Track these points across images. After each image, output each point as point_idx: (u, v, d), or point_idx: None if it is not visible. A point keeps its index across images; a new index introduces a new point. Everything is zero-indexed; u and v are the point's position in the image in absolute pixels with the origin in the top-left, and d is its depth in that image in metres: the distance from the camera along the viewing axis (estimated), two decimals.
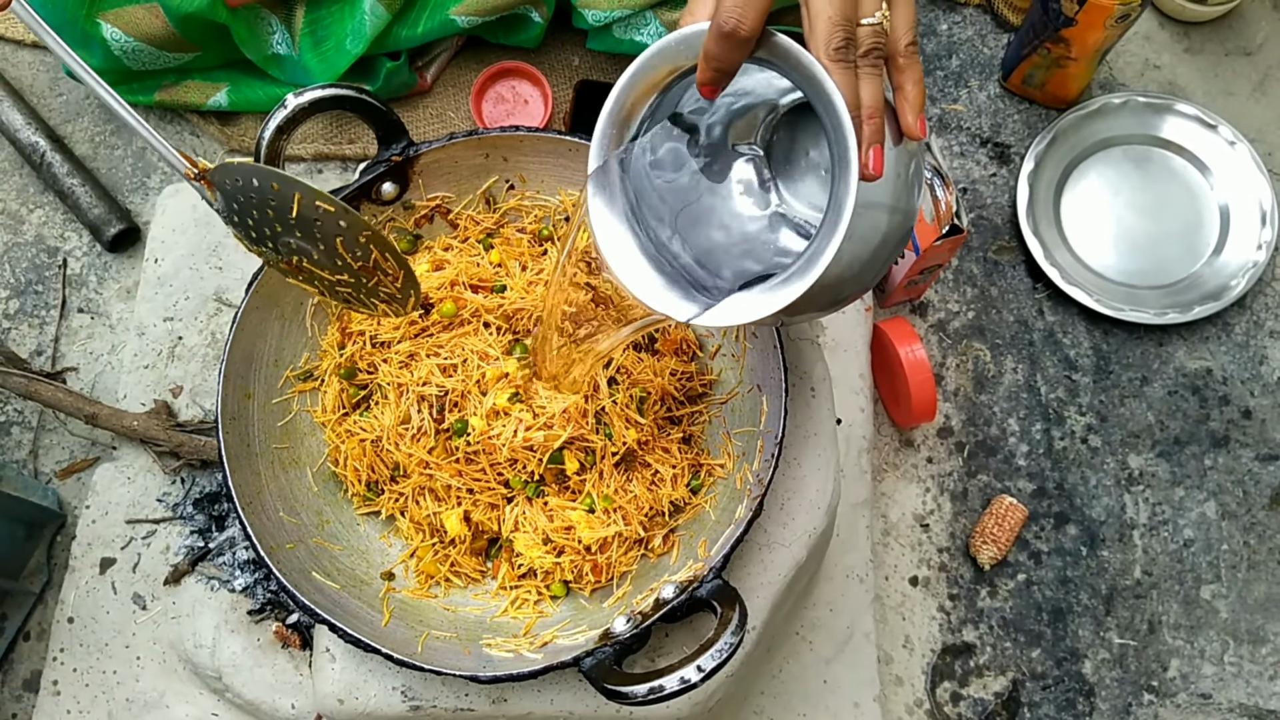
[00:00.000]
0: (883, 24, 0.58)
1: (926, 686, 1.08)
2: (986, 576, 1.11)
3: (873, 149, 0.57)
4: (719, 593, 0.72)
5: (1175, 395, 1.17)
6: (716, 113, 0.73)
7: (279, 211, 0.68)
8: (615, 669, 0.71)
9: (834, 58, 0.56)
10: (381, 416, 0.82)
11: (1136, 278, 1.19)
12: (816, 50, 0.57)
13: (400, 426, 0.81)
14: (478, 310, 0.84)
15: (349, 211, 0.68)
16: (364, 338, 0.84)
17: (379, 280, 0.72)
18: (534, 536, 0.80)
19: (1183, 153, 1.22)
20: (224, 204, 0.70)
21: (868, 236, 0.61)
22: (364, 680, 0.80)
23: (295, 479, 0.83)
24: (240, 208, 0.69)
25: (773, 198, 0.74)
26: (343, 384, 0.85)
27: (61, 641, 1.01)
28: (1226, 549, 1.13)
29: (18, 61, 1.26)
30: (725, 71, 0.59)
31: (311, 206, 0.67)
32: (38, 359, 1.15)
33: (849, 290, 0.64)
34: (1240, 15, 1.29)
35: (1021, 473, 1.15)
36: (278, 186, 0.67)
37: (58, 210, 1.20)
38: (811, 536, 0.83)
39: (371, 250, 0.70)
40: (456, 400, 0.81)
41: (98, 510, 1.04)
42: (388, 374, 0.82)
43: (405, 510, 0.83)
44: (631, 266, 0.66)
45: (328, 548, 0.82)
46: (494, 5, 1.11)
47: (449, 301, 0.83)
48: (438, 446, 0.81)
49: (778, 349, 0.78)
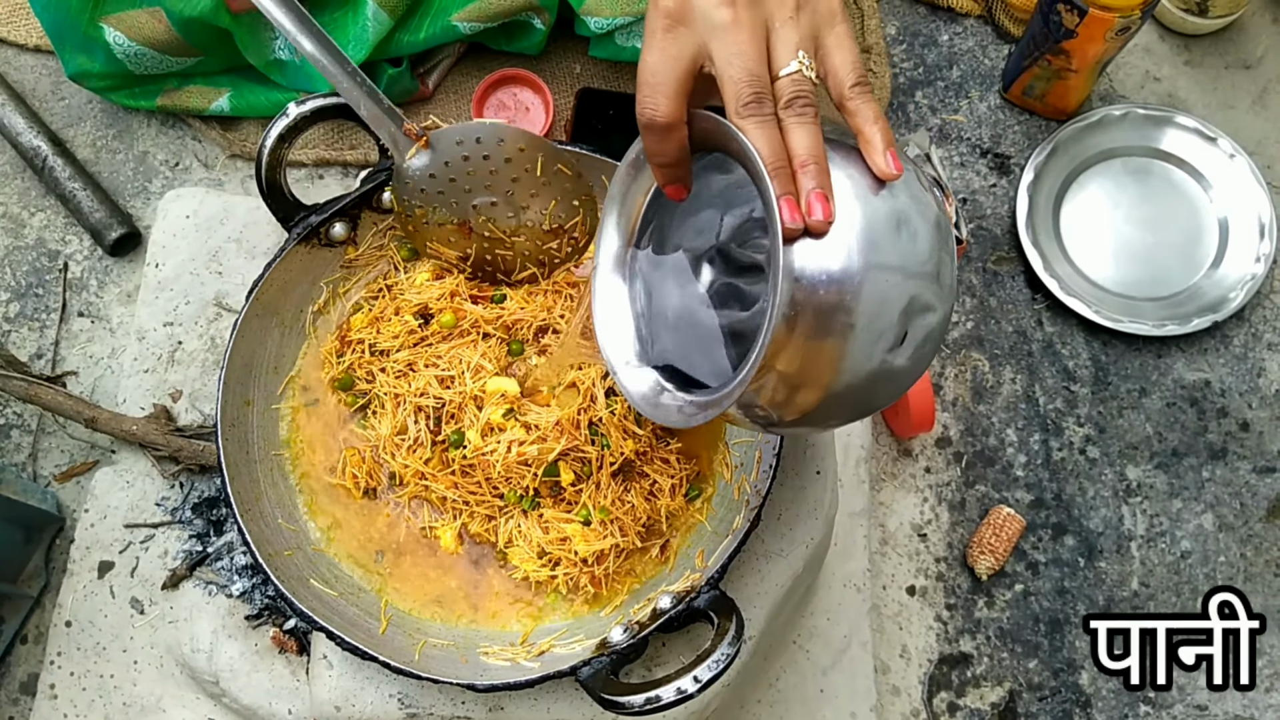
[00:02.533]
0: (802, 70, 0.55)
1: (923, 696, 1.08)
2: (984, 587, 1.11)
3: (812, 195, 0.52)
4: (716, 603, 0.73)
5: (1173, 407, 1.17)
6: (720, 237, 0.69)
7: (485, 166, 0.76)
8: (612, 678, 0.71)
9: (743, 114, 0.54)
10: (379, 426, 0.82)
11: (1135, 289, 1.19)
12: (729, 113, 0.55)
13: (397, 437, 0.81)
14: (477, 321, 0.84)
15: (576, 169, 0.76)
16: (363, 345, 0.84)
17: (555, 243, 0.79)
18: (529, 549, 0.80)
19: (1182, 165, 1.22)
20: (433, 163, 0.76)
21: (886, 299, 0.54)
22: (361, 687, 0.80)
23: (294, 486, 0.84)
24: (450, 167, 0.76)
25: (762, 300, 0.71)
26: (339, 395, 0.85)
27: (59, 645, 1.01)
28: (1223, 560, 1.13)
29: (20, 65, 1.26)
30: (669, 165, 0.57)
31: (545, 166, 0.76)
32: (38, 362, 1.15)
33: (881, 389, 0.57)
34: (1240, 29, 1.29)
35: (1019, 483, 1.15)
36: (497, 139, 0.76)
37: (59, 214, 1.21)
38: (809, 547, 0.84)
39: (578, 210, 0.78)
40: (454, 412, 0.81)
41: (96, 514, 1.04)
42: (385, 384, 0.83)
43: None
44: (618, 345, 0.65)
45: (326, 554, 0.82)
46: (496, 12, 1.11)
47: (449, 312, 0.84)
48: (434, 458, 0.81)
49: None
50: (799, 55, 0.55)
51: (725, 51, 0.55)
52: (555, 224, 0.78)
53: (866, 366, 0.55)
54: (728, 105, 0.55)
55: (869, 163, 0.55)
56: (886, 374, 0.56)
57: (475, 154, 0.76)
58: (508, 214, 0.78)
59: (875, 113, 0.56)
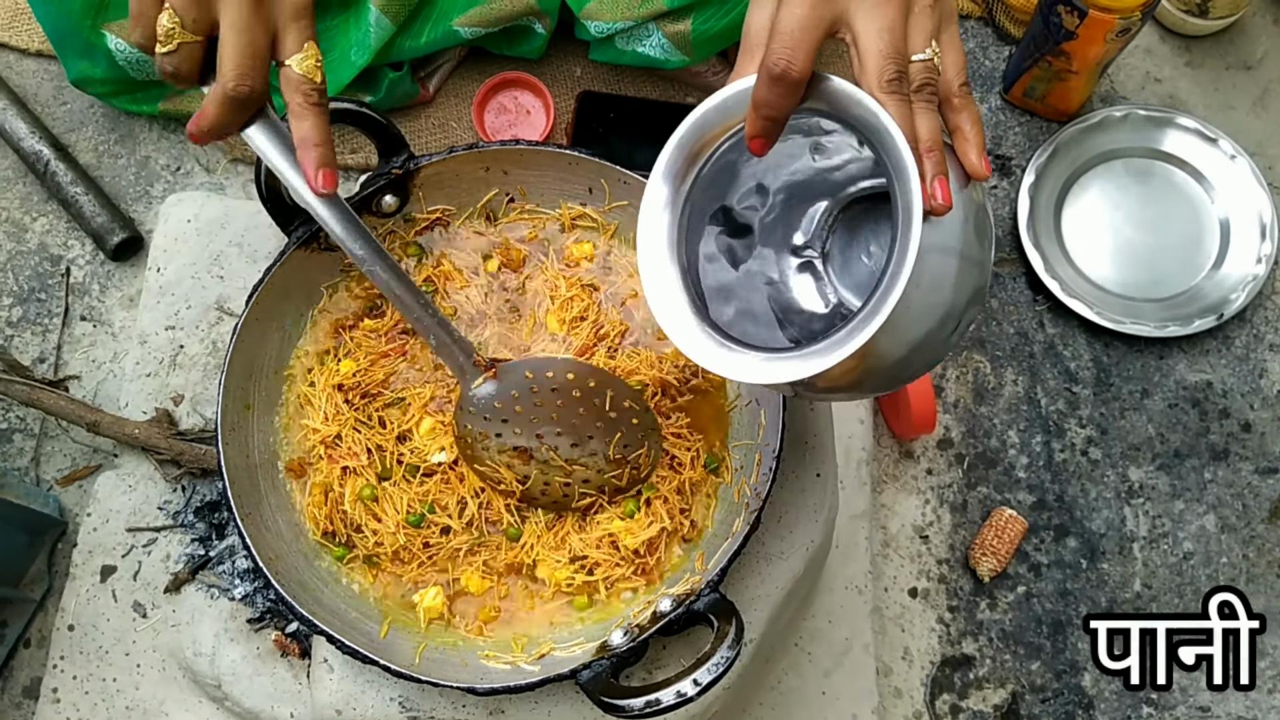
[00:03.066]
0: (934, 59, 0.57)
1: (925, 698, 1.08)
2: (986, 588, 1.11)
3: (937, 180, 0.55)
4: (716, 606, 0.73)
5: (1175, 408, 1.17)
6: (772, 211, 0.71)
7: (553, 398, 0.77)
8: (612, 682, 0.72)
9: (887, 89, 0.55)
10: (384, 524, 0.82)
11: (1137, 290, 1.19)
12: (869, 85, 0.56)
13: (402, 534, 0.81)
14: None
15: (644, 404, 0.77)
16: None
17: (617, 470, 0.79)
18: (560, 557, 0.80)
19: (1183, 166, 1.22)
20: (499, 393, 0.77)
21: (937, 284, 0.57)
22: (362, 691, 0.80)
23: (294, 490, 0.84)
24: (516, 398, 0.77)
25: (831, 298, 0.72)
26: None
27: (62, 649, 1.01)
28: (1226, 562, 1.13)
29: (22, 70, 1.26)
30: (777, 120, 0.58)
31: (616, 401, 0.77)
32: (40, 366, 1.15)
33: (918, 357, 0.59)
34: (1241, 30, 1.29)
35: (1021, 485, 1.15)
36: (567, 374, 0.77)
37: (61, 219, 1.21)
38: (809, 549, 0.84)
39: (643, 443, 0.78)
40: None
41: (99, 518, 1.04)
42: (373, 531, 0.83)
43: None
44: (671, 307, 0.63)
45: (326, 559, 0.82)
46: (497, 16, 1.11)
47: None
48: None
49: None
50: (931, 44, 0.58)
51: (875, 25, 0.56)
52: (619, 454, 0.78)
53: (928, 346, 0.59)
54: (869, 78, 0.56)
55: (963, 159, 0.59)
56: (933, 355, 0.61)
57: (544, 386, 0.76)
58: (571, 443, 0.78)
59: (977, 116, 0.60)
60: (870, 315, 0.54)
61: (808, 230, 0.73)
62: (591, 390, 0.76)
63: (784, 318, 0.71)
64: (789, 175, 0.70)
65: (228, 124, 0.68)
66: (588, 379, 0.76)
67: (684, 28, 1.10)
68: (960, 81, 0.59)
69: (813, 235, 0.72)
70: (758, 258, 0.72)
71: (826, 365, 0.56)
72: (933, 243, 0.55)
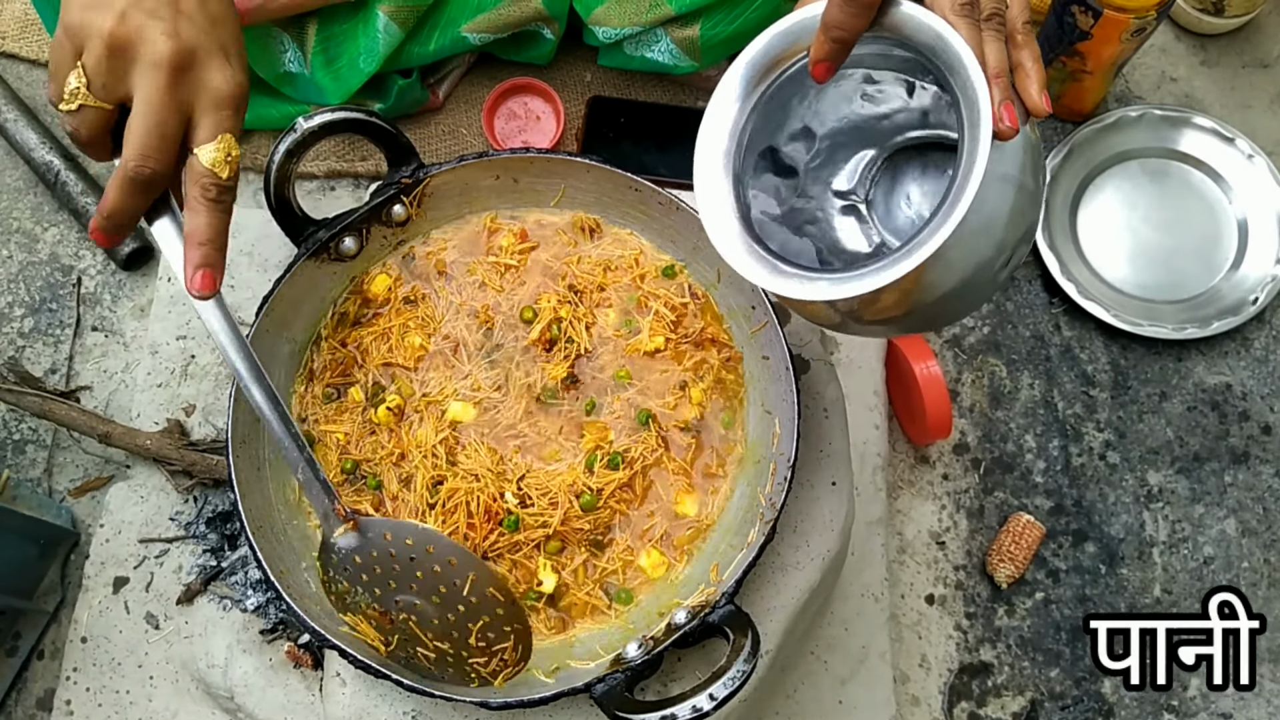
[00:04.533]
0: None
1: (943, 706, 1.07)
2: (1004, 595, 1.10)
3: (1005, 104, 0.56)
4: (731, 619, 0.72)
5: (1194, 411, 1.16)
6: (818, 156, 0.72)
7: (411, 566, 0.71)
8: (627, 695, 0.71)
9: (960, 13, 0.57)
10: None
11: (1154, 292, 1.18)
12: (941, 9, 0.57)
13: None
14: None
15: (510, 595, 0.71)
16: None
17: (482, 659, 0.73)
18: (590, 582, 0.80)
19: (1200, 166, 1.21)
20: (360, 548, 0.72)
21: (995, 211, 0.58)
22: (374, 705, 0.80)
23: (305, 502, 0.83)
24: (377, 558, 0.72)
25: (875, 239, 0.73)
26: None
27: (75, 661, 1.01)
28: (1247, 566, 1.11)
29: (32, 81, 1.26)
30: (846, 42, 0.59)
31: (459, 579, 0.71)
32: (52, 377, 1.15)
33: (967, 290, 0.60)
34: (1257, 28, 1.28)
35: (1039, 490, 1.14)
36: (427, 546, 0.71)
37: (72, 229, 1.21)
38: (825, 559, 0.83)
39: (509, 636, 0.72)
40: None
41: (111, 529, 1.04)
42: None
43: None
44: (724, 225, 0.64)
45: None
46: (506, 22, 1.11)
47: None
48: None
49: (789, 370, 0.78)
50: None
51: None
52: (482, 643, 0.72)
53: (978, 278, 0.60)
54: (941, 2, 0.57)
55: (1024, 95, 0.59)
56: (980, 291, 0.62)
57: (403, 553, 0.71)
58: (433, 619, 0.72)
59: (1038, 54, 0.59)
60: (936, 229, 0.55)
61: (852, 177, 0.73)
62: (452, 569, 0.70)
63: (827, 257, 0.72)
64: (836, 121, 0.71)
65: (126, 208, 0.64)
66: (448, 557, 0.70)
67: (692, 33, 1.10)
68: (1024, 20, 0.60)
69: (857, 182, 0.73)
70: (802, 197, 0.73)
71: (892, 278, 0.56)
72: (995, 170, 0.56)
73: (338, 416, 0.84)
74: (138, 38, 0.61)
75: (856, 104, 0.71)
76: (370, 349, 0.85)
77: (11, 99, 1.22)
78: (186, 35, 0.62)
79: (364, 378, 0.84)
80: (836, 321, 0.66)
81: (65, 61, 0.63)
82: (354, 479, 0.82)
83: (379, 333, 0.85)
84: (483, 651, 0.72)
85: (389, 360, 0.84)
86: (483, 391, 0.83)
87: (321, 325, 0.85)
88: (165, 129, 0.62)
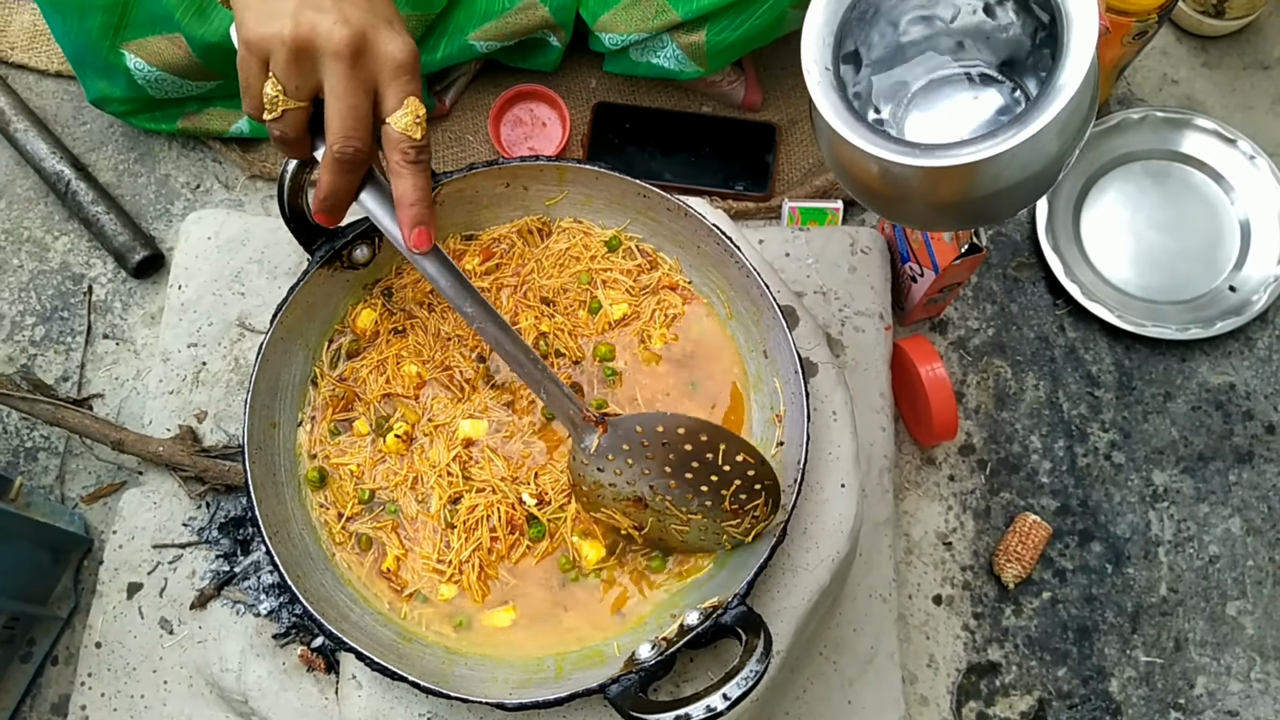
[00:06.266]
0: None
1: (952, 706, 1.08)
2: (1011, 595, 1.11)
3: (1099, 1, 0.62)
4: (743, 620, 0.72)
5: (1198, 411, 1.16)
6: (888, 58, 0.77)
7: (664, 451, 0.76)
8: (641, 696, 0.71)
9: None
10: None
11: (1157, 293, 1.19)
12: None
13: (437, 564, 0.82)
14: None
15: (759, 455, 0.76)
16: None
17: (735, 520, 0.78)
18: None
19: (1202, 167, 1.22)
20: (610, 446, 0.77)
21: (1081, 105, 0.65)
22: (390, 707, 0.80)
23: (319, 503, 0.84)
24: (628, 451, 0.76)
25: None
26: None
27: (89, 666, 1.02)
28: (1252, 565, 1.12)
29: (42, 91, 1.27)
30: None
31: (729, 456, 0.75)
32: (64, 385, 1.16)
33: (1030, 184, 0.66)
34: (1258, 29, 1.29)
35: (1045, 490, 1.14)
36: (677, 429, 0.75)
37: (83, 237, 1.22)
38: (835, 560, 0.83)
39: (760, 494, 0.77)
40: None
41: (124, 535, 1.04)
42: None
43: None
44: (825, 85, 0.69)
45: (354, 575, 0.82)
46: (513, 30, 1.12)
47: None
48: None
49: (799, 374, 0.78)
50: None
51: None
52: (734, 505, 0.77)
53: (1043, 174, 0.67)
54: None
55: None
56: (1038, 187, 0.68)
57: (654, 441, 0.76)
58: (686, 495, 0.77)
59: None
60: (1044, 106, 0.61)
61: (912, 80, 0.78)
62: (703, 444, 0.75)
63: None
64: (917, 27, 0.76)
65: (340, 188, 0.70)
66: (699, 434, 0.75)
67: (698, 39, 1.10)
68: None
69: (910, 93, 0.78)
70: (868, 91, 0.77)
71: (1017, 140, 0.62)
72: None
73: (348, 449, 0.84)
74: (314, 34, 0.65)
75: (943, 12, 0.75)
76: (368, 381, 0.86)
77: (21, 109, 1.22)
78: (354, 19, 0.66)
79: (367, 410, 0.85)
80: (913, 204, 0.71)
81: (256, 74, 0.67)
82: (372, 507, 0.83)
83: (374, 364, 0.86)
84: (735, 514, 0.77)
85: (389, 391, 0.85)
86: (491, 411, 0.84)
87: (315, 365, 0.86)
88: (359, 109, 0.67)
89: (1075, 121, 0.65)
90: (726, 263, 0.83)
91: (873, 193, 0.72)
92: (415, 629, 0.80)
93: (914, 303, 1.12)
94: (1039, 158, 0.65)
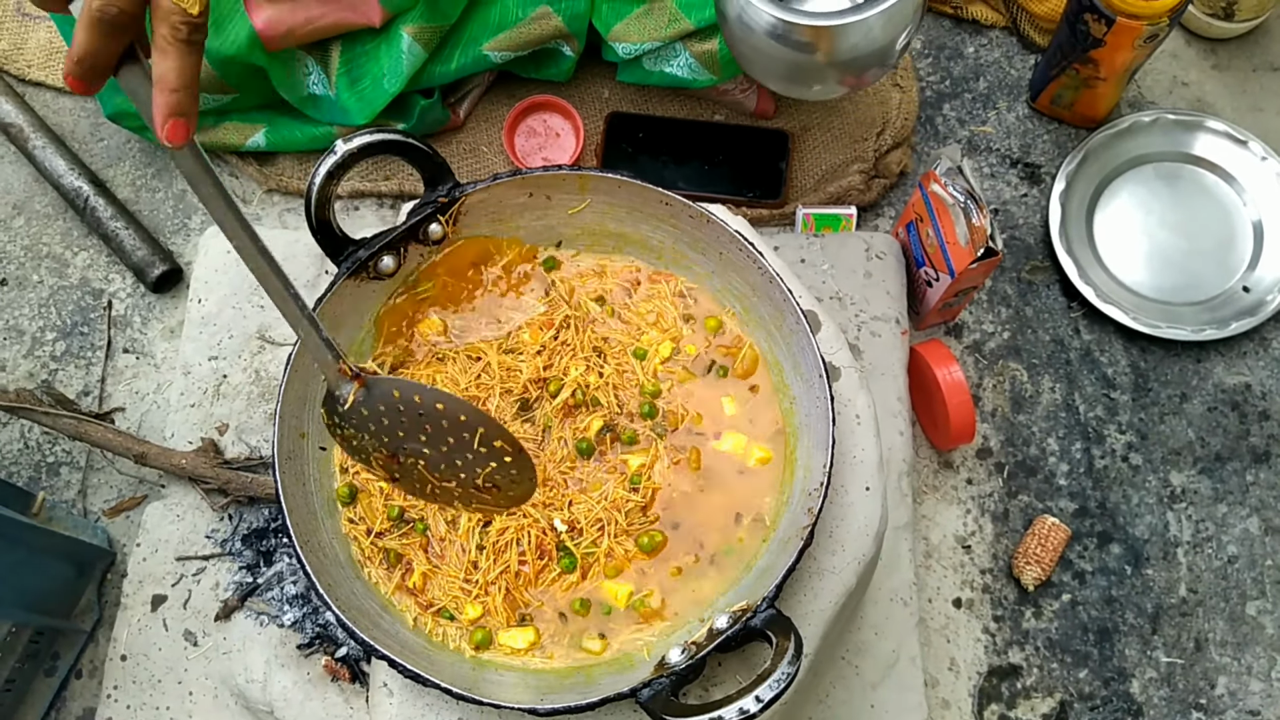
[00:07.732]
0: None
1: (974, 709, 1.08)
2: (1031, 597, 1.11)
3: None
4: (773, 623, 0.73)
5: (1215, 411, 1.17)
6: None
7: (420, 421, 0.75)
8: (672, 700, 0.72)
9: None
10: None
11: (1172, 295, 1.19)
12: None
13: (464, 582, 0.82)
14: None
15: (517, 445, 0.77)
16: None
17: (489, 495, 0.79)
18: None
19: (1214, 169, 1.22)
20: (367, 403, 0.75)
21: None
22: (421, 714, 0.80)
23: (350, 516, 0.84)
24: (384, 411, 0.75)
25: None
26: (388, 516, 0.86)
27: (115, 679, 1.02)
28: (1271, 564, 1.12)
29: (59, 109, 1.28)
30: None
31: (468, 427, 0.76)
32: (85, 399, 1.17)
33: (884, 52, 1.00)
34: (1267, 31, 1.29)
35: (1063, 492, 1.15)
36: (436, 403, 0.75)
37: (102, 253, 1.22)
38: (861, 563, 0.84)
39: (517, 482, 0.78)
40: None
41: (148, 548, 1.05)
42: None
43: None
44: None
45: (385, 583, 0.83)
46: (526, 40, 1.13)
47: None
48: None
49: (823, 378, 0.79)
50: None
51: None
52: (489, 485, 0.78)
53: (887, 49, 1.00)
54: None
55: None
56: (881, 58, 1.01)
57: (411, 409, 0.75)
58: (440, 464, 0.77)
59: None
60: None
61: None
62: (461, 424, 0.75)
63: None
64: None
65: (96, 51, 0.58)
66: (458, 414, 0.74)
67: (711, 47, 1.11)
68: None
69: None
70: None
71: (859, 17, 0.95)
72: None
73: None
74: None
75: None
76: None
77: (39, 126, 1.23)
78: None
79: None
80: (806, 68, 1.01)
81: None
82: (400, 524, 0.83)
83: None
84: (488, 492, 0.78)
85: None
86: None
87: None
88: None
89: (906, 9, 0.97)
90: (749, 269, 0.83)
91: (770, 57, 1.00)
92: (440, 642, 0.81)
93: (929, 307, 1.12)
94: (884, 33, 0.97)
